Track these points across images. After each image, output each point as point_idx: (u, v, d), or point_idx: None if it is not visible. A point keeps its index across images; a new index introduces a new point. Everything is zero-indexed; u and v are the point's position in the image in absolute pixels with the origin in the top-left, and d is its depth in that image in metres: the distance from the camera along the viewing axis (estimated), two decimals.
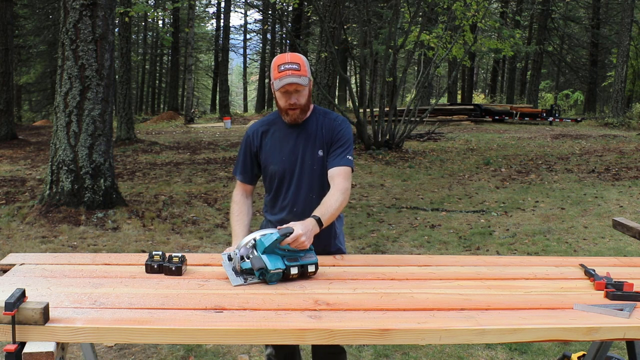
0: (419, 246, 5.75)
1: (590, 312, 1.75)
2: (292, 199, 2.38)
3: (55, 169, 6.58)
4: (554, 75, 37.68)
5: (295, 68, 2.23)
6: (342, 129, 2.39)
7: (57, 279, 1.94)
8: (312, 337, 1.59)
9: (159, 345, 3.35)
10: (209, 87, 43.60)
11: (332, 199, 2.24)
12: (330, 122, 2.39)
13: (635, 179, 9.32)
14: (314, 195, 2.36)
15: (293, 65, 2.23)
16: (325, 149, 2.36)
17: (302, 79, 2.24)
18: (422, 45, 14.61)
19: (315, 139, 2.36)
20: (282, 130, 2.39)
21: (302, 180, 2.36)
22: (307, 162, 2.36)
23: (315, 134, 2.36)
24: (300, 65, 2.25)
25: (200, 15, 37.79)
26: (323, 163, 2.36)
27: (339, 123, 2.40)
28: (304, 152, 2.36)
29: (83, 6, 6.42)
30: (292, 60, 2.25)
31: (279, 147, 2.38)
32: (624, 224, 2.77)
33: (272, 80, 2.28)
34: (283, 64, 2.24)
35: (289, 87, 2.24)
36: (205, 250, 5.52)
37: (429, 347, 3.36)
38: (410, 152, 12.86)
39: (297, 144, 2.36)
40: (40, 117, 29.35)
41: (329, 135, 2.36)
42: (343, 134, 2.38)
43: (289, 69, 2.22)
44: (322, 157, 2.36)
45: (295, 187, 2.37)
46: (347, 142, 2.37)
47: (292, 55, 2.28)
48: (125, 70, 15.68)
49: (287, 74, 2.22)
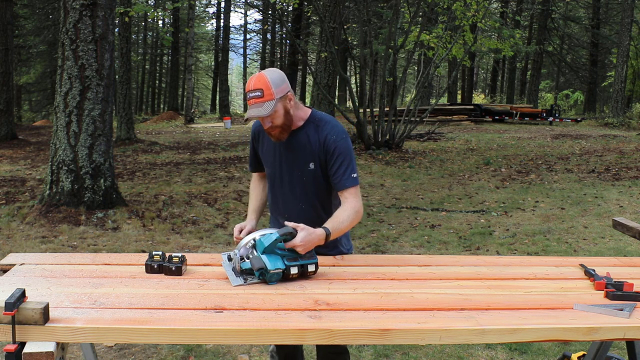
0: (419, 246, 5.75)
1: (590, 312, 1.75)
2: (283, 206, 2.38)
3: (55, 169, 6.58)
4: (554, 75, 37.69)
5: (257, 95, 2.12)
6: (338, 144, 2.23)
7: (57, 279, 1.94)
8: (312, 337, 1.59)
9: (159, 345, 3.35)
10: (209, 87, 43.61)
11: (344, 214, 2.19)
12: (324, 137, 2.24)
13: (635, 179, 9.32)
14: (303, 205, 2.32)
15: (256, 93, 2.12)
16: (318, 162, 2.26)
17: (264, 106, 2.11)
18: (422, 45, 14.61)
19: (305, 151, 2.26)
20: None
21: (293, 188, 2.32)
22: (295, 174, 2.30)
23: (305, 146, 2.26)
24: (264, 90, 2.11)
25: (200, 15, 37.81)
26: (315, 175, 2.28)
27: (334, 139, 2.23)
28: (292, 164, 2.30)
29: (83, 6, 6.42)
30: (255, 86, 2.13)
31: (272, 152, 2.35)
32: (624, 224, 2.77)
33: None
34: (249, 91, 2.15)
35: (252, 119, 2.21)
36: (205, 250, 5.52)
37: (429, 347, 3.36)
38: (410, 152, 12.86)
39: (287, 154, 2.30)
40: (40, 117, 29.35)
41: (322, 149, 2.25)
42: (341, 150, 2.23)
43: (252, 97, 2.13)
44: (313, 170, 2.27)
45: (284, 195, 2.36)
46: (347, 158, 2.23)
47: (256, 80, 2.14)
48: (125, 70, 15.69)
49: (251, 103, 2.14)
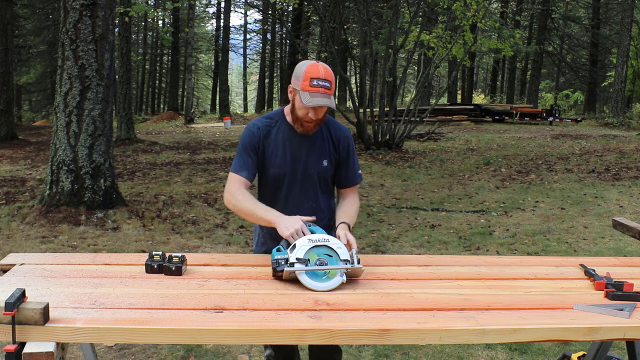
0: (419, 246, 5.75)
1: (590, 312, 1.75)
2: (292, 204, 2.30)
3: (55, 169, 6.58)
4: (554, 75, 37.67)
5: (327, 87, 2.12)
6: (351, 144, 2.39)
7: (57, 279, 1.94)
8: (312, 337, 1.59)
9: (159, 345, 3.35)
10: (209, 87, 43.59)
11: (353, 209, 2.35)
12: (338, 136, 2.35)
13: (635, 179, 9.32)
14: (314, 203, 2.35)
15: (326, 84, 2.12)
16: (332, 160, 2.33)
17: (331, 99, 2.15)
18: (422, 45, 14.61)
19: (321, 149, 2.31)
20: (286, 133, 2.30)
21: (304, 187, 2.32)
22: (310, 170, 2.30)
23: (321, 143, 2.31)
24: (332, 83, 2.15)
25: (200, 15, 37.78)
26: (328, 173, 2.35)
27: (347, 137, 2.38)
28: (307, 160, 2.29)
29: (83, 6, 6.42)
30: (326, 77, 2.13)
31: (282, 151, 2.29)
32: (624, 224, 2.77)
33: (298, 89, 2.15)
34: (317, 78, 2.11)
35: (320, 107, 2.17)
36: (205, 250, 5.52)
37: (429, 347, 3.36)
38: (410, 152, 12.86)
39: (301, 151, 2.29)
40: (40, 117, 29.34)
41: (337, 149, 2.34)
42: (352, 150, 2.39)
43: (322, 86, 2.11)
44: (327, 167, 2.32)
45: (296, 193, 2.32)
46: (354, 155, 2.41)
47: (326, 70, 2.15)
48: (125, 70, 15.68)
49: (319, 91, 2.11)
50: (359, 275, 2.00)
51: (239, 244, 5.74)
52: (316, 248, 1.95)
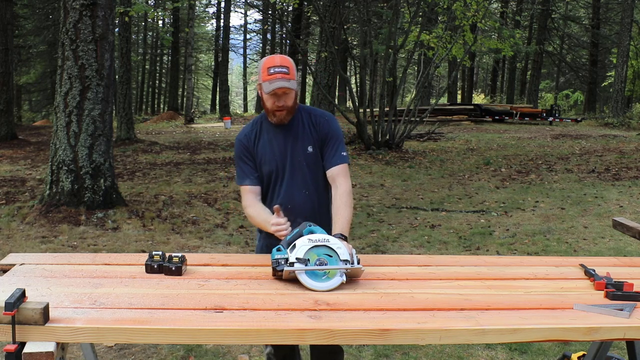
0: (419, 246, 5.75)
1: (590, 312, 1.75)
2: (285, 196, 2.39)
3: (55, 169, 6.58)
4: (554, 75, 37.68)
5: (284, 72, 2.24)
6: (331, 125, 2.42)
7: (57, 279, 1.94)
8: (312, 337, 1.59)
9: (159, 345, 3.35)
10: (209, 87, 43.58)
11: (344, 208, 2.30)
12: (317, 119, 2.41)
13: (635, 179, 9.32)
14: (307, 191, 2.40)
15: (282, 69, 2.25)
16: (317, 145, 2.39)
17: (290, 82, 2.25)
18: (422, 45, 14.61)
19: (304, 136, 2.39)
20: (270, 130, 2.41)
21: (294, 176, 2.39)
22: (297, 159, 2.38)
23: (302, 131, 2.39)
24: (289, 68, 2.26)
25: (200, 15, 37.76)
26: (315, 159, 2.39)
27: (327, 119, 2.43)
28: (293, 149, 2.38)
29: (83, 6, 6.42)
30: (282, 63, 2.26)
31: (270, 147, 2.40)
32: (624, 224, 2.77)
33: (261, 82, 2.29)
34: (273, 66, 2.25)
35: (278, 90, 2.26)
36: (205, 250, 5.52)
37: (429, 347, 3.36)
38: (410, 152, 12.86)
39: (286, 142, 2.39)
40: (40, 117, 29.33)
41: (318, 132, 2.39)
42: (334, 131, 2.41)
43: (278, 72, 2.24)
44: (313, 152, 2.39)
45: (287, 184, 2.39)
46: (338, 138, 2.41)
47: (282, 58, 2.29)
48: (125, 70, 15.68)
49: (276, 77, 2.23)
50: (358, 275, 2.00)
51: (239, 244, 5.74)
52: (316, 248, 1.95)
